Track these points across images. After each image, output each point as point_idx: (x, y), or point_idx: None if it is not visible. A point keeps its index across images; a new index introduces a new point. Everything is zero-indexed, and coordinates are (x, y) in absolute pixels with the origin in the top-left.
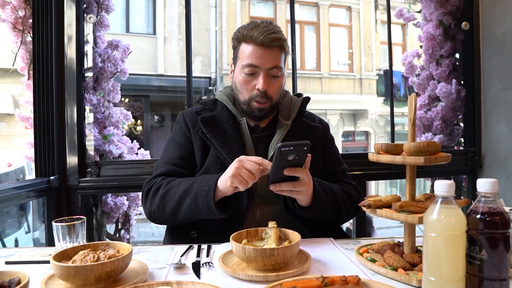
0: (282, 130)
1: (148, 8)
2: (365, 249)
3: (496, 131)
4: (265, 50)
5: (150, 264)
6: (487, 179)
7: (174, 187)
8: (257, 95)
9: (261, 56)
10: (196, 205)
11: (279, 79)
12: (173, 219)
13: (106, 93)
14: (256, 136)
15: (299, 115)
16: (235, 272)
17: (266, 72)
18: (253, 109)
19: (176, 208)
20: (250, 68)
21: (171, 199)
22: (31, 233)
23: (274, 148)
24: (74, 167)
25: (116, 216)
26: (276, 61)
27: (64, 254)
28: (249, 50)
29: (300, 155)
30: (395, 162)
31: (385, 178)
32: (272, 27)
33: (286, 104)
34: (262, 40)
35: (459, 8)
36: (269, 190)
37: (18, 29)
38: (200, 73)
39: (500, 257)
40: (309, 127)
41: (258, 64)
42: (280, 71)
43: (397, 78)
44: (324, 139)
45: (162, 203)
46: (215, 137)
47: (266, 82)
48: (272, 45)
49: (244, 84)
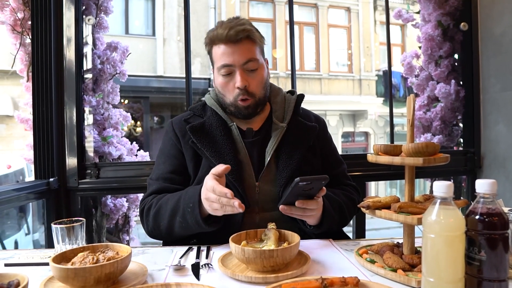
0: (277, 133)
1: (147, 9)
2: (365, 250)
3: (495, 132)
4: (234, 45)
5: (149, 265)
6: (486, 180)
7: (163, 206)
8: (239, 94)
9: (231, 53)
10: (186, 223)
11: (258, 71)
12: (171, 236)
13: (105, 94)
14: (249, 141)
15: (294, 115)
16: (234, 274)
17: (241, 68)
18: (239, 109)
19: (169, 227)
20: (225, 69)
21: (163, 219)
22: (30, 235)
23: (270, 154)
24: (74, 168)
25: (116, 217)
26: (248, 54)
27: (63, 256)
28: (220, 50)
29: (316, 187)
30: (393, 163)
31: (384, 178)
32: (236, 21)
33: (279, 104)
34: (227, 35)
35: (457, 8)
36: (268, 198)
37: (17, 31)
38: (199, 74)
39: (499, 258)
40: (306, 128)
41: (231, 62)
42: (256, 63)
43: (397, 79)
44: (322, 139)
45: (155, 223)
46: (205, 146)
47: (244, 78)
48: (239, 37)
49: (224, 86)
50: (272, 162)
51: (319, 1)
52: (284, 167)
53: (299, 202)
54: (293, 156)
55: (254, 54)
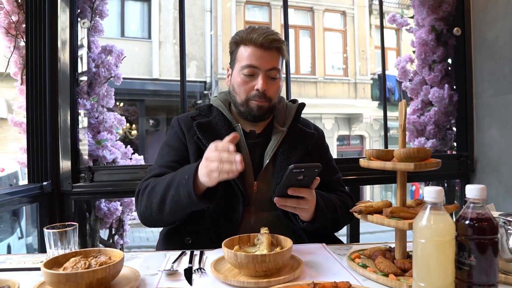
0: (278, 136)
1: (143, 12)
2: (357, 255)
3: (488, 136)
4: (264, 51)
5: (142, 270)
6: (475, 185)
7: (159, 182)
8: (255, 95)
9: (260, 57)
10: (178, 195)
11: (277, 81)
12: (160, 215)
13: (100, 98)
14: (251, 142)
15: (294, 122)
16: (226, 279)
17: (265, 73)
18: (251, 108)
19: (161, 203)
20: (249, 69)
21: (156, 195)
22: (24, 239)
23: (270, 155)
24: (67, 172)
25: (110, 221)
26: (274, 62)
27: (56, 261)
28: (248, 51)
29: (309, 176)
30: (385, 168)
31: (378, 182)
32: (270, 30)
33: (281, 110)
34: (261, 41)
35: (451, 14)
36: (264, 197)
37: (11, 34)
38: (195, 77)
39: (488, 262)
40: (305, 134)
41: (257, 65)
42: (278, 73)
43: (392, 82)
44: (319, 147)
45: (148, 201)
46: (210, 142)
47: (266, 82)
48: (271, 46)
49: (243, 84)
50: (271, 163)
51: (315, 5)
52: (281, 167)
53: (292, 190)
54: (291, 158)
55: (278, 64)
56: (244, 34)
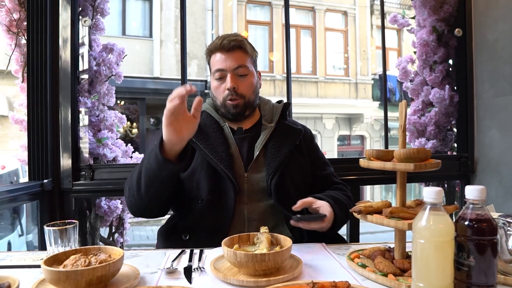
0: (266, 131)
1: (144, 11)
2: (356, 255)
3: (488, 137)
4: (227, 53)
5: (141, 268)
6: (475, 186)
7: (140, 162)
8: (228, 95)
9: (224, 59)
10: (149, 163)
11: (248, 77)
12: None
13: (100, 96)
14: (239, 137)
15: (281, 119)
16: (226, 277)
17: (232, 72)
18: (228, 108)
19: (139, 176)
20: (218, 73)
21: (135, 171)
22: (24, 236)
23: (259, 148)
24: (68, 170)
25: (110, 219)
26: (240, 60)
27: (56, 258)
28: (216, 58)
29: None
30: (385, 168)
31: (379, 183)
32: (233, 34)
33: (268, 110)
34: (222, 44)
35: (452, 14)
36: (256, 187)
37: (13, 31)
38: (196, 76)
39: (487, 263)
40: (293, 129)
41: (223, 67)
42: (246, 69)
43: (393, 83)
44: (309, 144)
45: (130, 180)
46: (200, 140)
47: (233, 80)
48: (231, 45)
49: (217, 88)
50: (261, 156)
51: (316, 5)
52: (272, 159)
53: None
54: (281, 151)
55: (244, 62)
56: (211, 45)
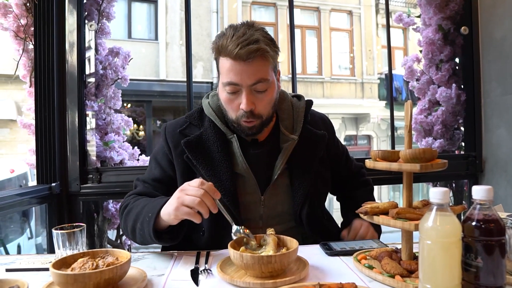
0: (288, 145)
1: (149, 14)
2: (363, 256)
3: (496, 135)
4: (244, 64)
5: (149, 271)
6: (482, 186)
7: (133, 208)
8: (243, 115)
9: (240, 71)
10: (143, 231)
11: (267, 93)
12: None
13: (107, 99)
14: (254, 153)
15: (304, 124)
16: (232, 280)
17: (249, 89)
18: (243, 128)
19: (133, 232)
20: (230, 87)
21: (129, 222)
22: (33, 239)
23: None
24: (76, 173)
25: (118, 222)
26: (258, 74)
27: (64, 261)
28: (227, 65)
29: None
30: (391, 169)
31: (385, 183)
32: (248, 35)
33: (287, 111)
34: (238, 53)
35: (458, 12)
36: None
37: (20, 37)
38: (202, 78)
39: (496, 264)
40: (316, 137)
41: (238, 82)
42: (266, 84)
43: (399, 82)
44: (331, 146)
45: (125, 224)
46: (201, 163)
47: (250, 100)
48: (251, 57)
49: (228, 103)
50: (285, 176)
51: (321, 5)
52: (300, 184)
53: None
54: (307, 171)
55: (264, 74)
56: (221, 42)
